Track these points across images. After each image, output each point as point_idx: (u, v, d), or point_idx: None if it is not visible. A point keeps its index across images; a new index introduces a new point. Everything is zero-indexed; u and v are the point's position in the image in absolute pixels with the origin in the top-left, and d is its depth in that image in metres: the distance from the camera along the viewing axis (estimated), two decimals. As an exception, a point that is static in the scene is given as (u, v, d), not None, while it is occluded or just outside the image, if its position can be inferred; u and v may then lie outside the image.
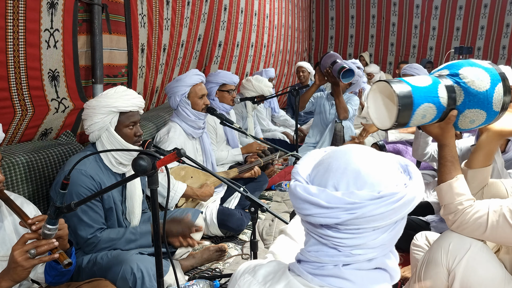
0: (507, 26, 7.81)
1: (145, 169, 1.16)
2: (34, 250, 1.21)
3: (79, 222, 1.80)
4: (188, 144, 2.76)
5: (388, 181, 0.77)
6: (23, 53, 1.94)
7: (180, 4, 3.43)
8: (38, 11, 1.96)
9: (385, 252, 0.81)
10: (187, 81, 2.70)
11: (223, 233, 2.67)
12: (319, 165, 0.83)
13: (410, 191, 0.76)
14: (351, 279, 0.78)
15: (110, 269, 1.75)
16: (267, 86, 3.92)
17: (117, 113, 1.86)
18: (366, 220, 0.75)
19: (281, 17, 6.45)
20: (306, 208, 0.78)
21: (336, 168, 0.79)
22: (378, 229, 0.77)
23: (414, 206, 0.78)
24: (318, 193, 0.76)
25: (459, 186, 1.42)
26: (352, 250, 0.78)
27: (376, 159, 0.80)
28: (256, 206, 1.57)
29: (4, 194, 1.39)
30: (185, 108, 2.72)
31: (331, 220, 0.75)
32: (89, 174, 1.80)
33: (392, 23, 8.55)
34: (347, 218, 0.74)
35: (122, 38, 2.70)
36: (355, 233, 0.76)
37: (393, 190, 0.75)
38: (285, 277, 0.84)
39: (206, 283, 2.05)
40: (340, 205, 0.74)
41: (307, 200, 0.77)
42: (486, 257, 1.41)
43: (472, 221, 1.38)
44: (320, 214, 0.76)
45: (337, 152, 0.83)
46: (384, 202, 0.74)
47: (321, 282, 0.79)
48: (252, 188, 3.04)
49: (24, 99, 2.02)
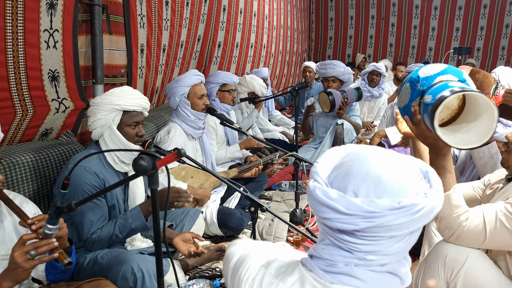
0: (507, 26, 7.81)
1: (146, 169, 1.16)
2: (34, 251, 1.21)
3: (83, 219, 1.80)
4: (188, 144, 2.77)
5: (409, 190, 0.76)
6: (23, 54, 1.94)
7: (179, 5, 3.44)
8: (37, 12, 1.97)
9: (399, 259, 0.81)
10: (187, 82, 2.71)
11: (223, 233, 2.67)
12: (340, 167, 0.81)
13: (430, 201, 0.75)
14: (362, 278, 0.79)
15: (111, 268, 1.75)
16: (259, 85, 3.98)
17: (120, 112, 1.87)
18: (384, 229, 0.74)
19: (280, 18, 6.46)
20: (324, 212, 0.77)
21: (357, 173, 0.78)
22: (395, 237, 0.77)
23: (433, 216, 0.77)
24: (338, 198, 0.76)
25: (457, 198, 1.39)
26: (366, 255, 0.78)
27: (398, 165, 0.79)
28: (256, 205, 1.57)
29: (3, 194, 1.39)
30: (184, 108, 2.73)
31: (349, 227, 0.75)
32: (93, 171, 1.81)
33: (391, 23, 8.55)
34: (365, 226, 0.74)
35: (121, 38, 2.70)
36: (372, 240, 0.76)
37: (413, 201, 0.74)
38: (298, 270, 0.84)
39: (206, 282, 2.05)
40: (359, 212, 0.74)
41: (326, 204, 0.77)
42: (484, 266, 1.40)
43: (470, 232, 1.36)
44: (338, 219, 0.76)
45: (358, 155, 0.81)
46: (403, 212, 0.73)
47: (332, 279, 0.80)
48: (252, 188, 3.04)
49: (24, 99, 2.02)
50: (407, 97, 1.44)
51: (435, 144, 1.40)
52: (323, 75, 3.93)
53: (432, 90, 1.33)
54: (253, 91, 3.96)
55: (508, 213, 1.33)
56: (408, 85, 1.44)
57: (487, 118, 1.31)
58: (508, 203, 1.35)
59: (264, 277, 0.87)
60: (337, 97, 3.60)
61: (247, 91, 3.96)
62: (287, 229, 2.71)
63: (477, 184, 1.71)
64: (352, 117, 3.93)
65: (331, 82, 3.91)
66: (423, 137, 1.42)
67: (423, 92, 1.37)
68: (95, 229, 1.82)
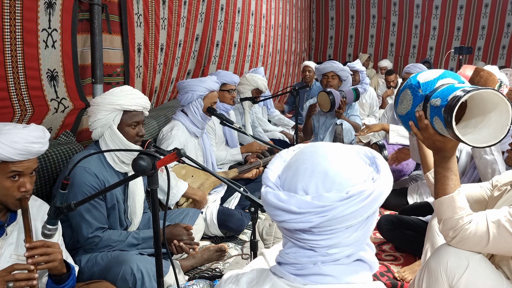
0: (508, 26, 7.80)
1: (145, 169, 1.15)
2: (12, 284, 1.24)
3: (81, 220, 1.80)
4: (190, 143, 2.78)
5: (356, 178, 0.78)
6: (21, 53, 1.93)
7: (176, 4, 3.43)
8: (35, 11, 1.96)
9: (361, 247, 0.83)
10: (209, 85, 2.78)
11: (223, 233, 2.66)
12: (288, 168, 0.83)
13: (378, 186, 0.77)
14: (332, 274, 0.80)
15: (110, 269, 1.75)
16: (261, 80, 4.00)
17: (120, 111, 1.87)
18: (338, 221, 0.76)
19: (278, 17, 6.44)
20: (279, 215, 0.79)
21: (304, 171, 0.80)
22: (351, 227, 0.78)
23: (383, 200, 0.79)
24: (288, 199, 0.77)
25: (461, 199, 1.39)
26: (328, 250, 0.79)
27: (343, 156, 0.81)
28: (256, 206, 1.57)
29: (25, 204, 1.40)
30: (196, 108, 2.77)
31: (304, 225, 0.77)
32: (93, 172, 1.81)
33: (392, 23, 8.54)
34: (319, 221, 0.75)
35: (116, 37, 2.70)
36: (329, 234, 0.78)
37: (361, 188, 0.76)
38: (269, 279, 0.85)
39: (206, 283, 2.04)
40: (311, 209, 0.75)
41: (278, 207, 0.78)
42: (485, 273, 1.39)
43: (473, 235, 1.35)
44: (293, 220, 0.77)
45: (304, 153, 0.83)
46: (353, 201, 0.75)
47: (304, 280, 0.81)
48: (252, 188, 3.03)
49: (23, 99, 2.01)
50: (409, 103, 1.43)
51: (443, 147, 1.40)
52: (322, 71, 3.90)
53: (439, 93, 1.32)
54: (257, 87, 3.97)
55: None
56: (408, 91, 1.43)
57: (497, 115, 1.30)
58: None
59: None
60: (336, 97, 3.58)
61: (250, 88, 3.97)
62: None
63: (485, 185, 1.71)
64: (351, 117, 3.90)
65: (330, 78, 3.87)
66: (431, 141, 1.41)
67: (427, 96, 1.36)
68: (94, 230, 1.82)
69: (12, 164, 1.37)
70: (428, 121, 1.38)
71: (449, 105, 1.25)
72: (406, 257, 2.46)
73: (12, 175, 1.38)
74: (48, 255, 1.33)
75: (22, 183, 1.40)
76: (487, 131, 1.33)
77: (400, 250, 2.53)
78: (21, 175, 1.40)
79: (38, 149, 1.41)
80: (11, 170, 1.37)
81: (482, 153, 2.17)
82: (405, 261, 2.42)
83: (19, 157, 1.36)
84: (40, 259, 1.31)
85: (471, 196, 1.66)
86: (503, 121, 1.28)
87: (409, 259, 2.42)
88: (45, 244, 1.33)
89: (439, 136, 1.38)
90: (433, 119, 1.35)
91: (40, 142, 1.42)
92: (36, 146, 1.40)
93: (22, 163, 1.39)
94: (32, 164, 1.43)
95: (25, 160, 1.39)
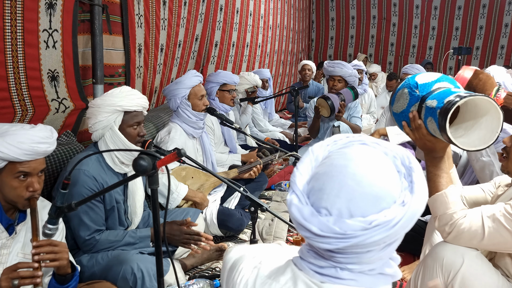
0: (506, 26, 7.82)
1: (146, 169, 1.16)
2: (17, 281, 1.25)
3: (79, 222, 1.80)
4: (189, 144, 2.77)
5: (385, 201, 0.74)
6: (22, 53, 1.94)
7: (176, 4, 3.43)
8: (36, 11, 1.96)
9: (384, 262, 0.81)
10: (187, 83, 2.69)
11: (223, 233, 2.67)
12: (315, 180, 0.79)
13: (408, 211, 0.73)
14: (351, 277, 0.79)
15: (111, 269, 1.75)
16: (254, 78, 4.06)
17: (121, 113, 1.87)
18: (360, 247, 0.74)
19: (276, 18, 6.44)
20: (300, 229, 0.78)
21: (330, 190, 0.75)
22: (373, 251, 0.76)
23: (412, 225, 0.75)
24: (311, 218, 0.75)
25: (453, 195, 1.41)
26: (348, 266, 0.78)
27: (373, 174, 0.75)
28: (256, 205, 1.57)
29: (34, 204, 1.41)
30: (185, 110, 2.72)
31: (324, 245, 0.75)
32: (92, 175, 1.80)
33: (393, 23, 8.56)
34: (339, 246, 0.74)
35: (118, 38, 2.70)
36: (350, 255, 0.76)
37: (388, 217, 0.72)
38: (290, 269, 0.85)
39: (206, 282, 2.05)
40: (331, 234, 0.73)
41: (301, 223, 0.77)
42: (481, 269, 1.40)
43: (468, 230, 1.36)
44: (313, 239, 0.76)
45: (334, 166, 0.78)
46: (377, 231, 0.72)
47: (322, 278, 0.80)
48: (252, 188, 3.04)
49: (24, 99, 2.02)
50: (406, 101, 1.45)
51: (433, 147, 1.43)
52: (330, 73, 3.84)
53: (436, 95, 1.35)
54: (255, 84, 3.99)
55: (508, 214, 1.33)
56: (406, 90, 1.45)
57: (488, 121, 1.33)
58: (508, 204, 1.35)
59: (257, 277, 0.87)
60: (335, 101, 3.56)
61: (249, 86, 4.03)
62: (287, 229, 2.70)
63: (487, 187, 1.72)
64: (353, 119, 3.88)
65: (336, 81, 3.81)
66: (423, 142, 1.44)
67: (423, 97, 1.39)
68: (91, 232, 1.82)
69: (19, 164, 1.38)
70: (422, 122, 1.41)
71: (445, 107, 1.28)
72: (405, 257, 2.46)
73: (20, 175, 1.39)
74: (55, 253, 1.34)
75: (30, 183, 1.41)
76: (477, 136, 1.37)
77: (399, 250, 2.53)
78: (29, 175, 1.41)
79: (44, 149, 1.42)
80: (19, 171, 1.38)
81: (478, 155, 2.18)
82: (404, 261, 2.41)
83: (26, 157, 1.37)
84: (46, 256, 1.32)
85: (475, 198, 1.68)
86: (494, 128, 1.32)
87: (408, 259, 2.43)
88: (52, 243, 1.34)
89: (430, 137, 1.41)
90: (427, 119, 1.38)
91: (46, 142, 1.43)
92: (43, 146, 1.41)
93: (29, 163, 1.39)
94: (39, 164, 1.44)
95: (32, 160, 1.39)
